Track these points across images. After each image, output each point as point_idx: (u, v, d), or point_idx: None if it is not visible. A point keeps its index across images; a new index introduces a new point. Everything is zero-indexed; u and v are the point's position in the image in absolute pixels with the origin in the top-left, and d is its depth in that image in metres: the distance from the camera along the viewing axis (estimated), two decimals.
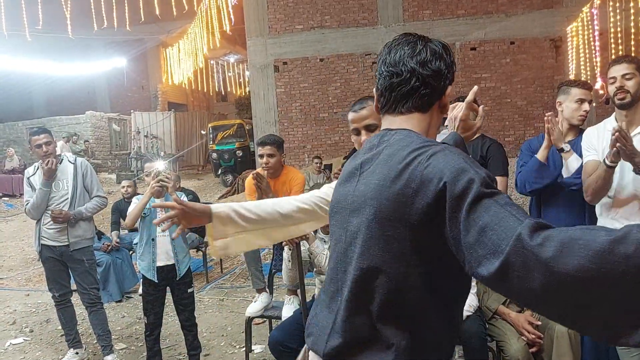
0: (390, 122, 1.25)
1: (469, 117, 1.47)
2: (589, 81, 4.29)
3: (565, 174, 2.66)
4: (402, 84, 1.20)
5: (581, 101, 2.77)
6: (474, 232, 0.95)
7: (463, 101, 3.52)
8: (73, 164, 3.78)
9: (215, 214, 1.66)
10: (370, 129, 1.82)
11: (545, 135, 2.70)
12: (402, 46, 1.22)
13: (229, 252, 1.76)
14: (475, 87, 1.49)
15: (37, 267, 6.67)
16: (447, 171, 1.02)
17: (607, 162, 2.28)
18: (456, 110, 1.45)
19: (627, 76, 2.42)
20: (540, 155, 2.72)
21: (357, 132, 1.86)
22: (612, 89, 2.48)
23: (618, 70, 2.46)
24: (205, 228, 1.72)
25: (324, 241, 3.08)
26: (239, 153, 14.39)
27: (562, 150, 2.68)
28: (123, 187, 5.96)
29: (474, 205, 0.96)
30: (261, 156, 3.55)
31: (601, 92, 3.25)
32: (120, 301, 5.38)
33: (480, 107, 1.51)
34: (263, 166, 3.56)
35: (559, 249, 0.83)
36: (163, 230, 3.30)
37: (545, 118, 2.67)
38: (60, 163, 3.74)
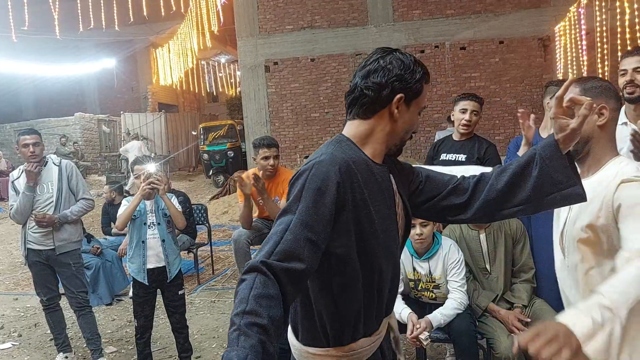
0: None
1: (567, 115, 1.35)
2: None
3: None
4: (348, 94, 1.39)
5: None
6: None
7: (467, 99, 3.39)
8: (58, 166, 3.73)
9: None
10: None
11: (523, 132, 2.69)
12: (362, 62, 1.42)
13: None
14: (569, 81, 1.39)
15: (25, 271, 6.59)
16: (294, 175, 1.32)
17: None
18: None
19: (638, 69, 2.42)
20: (522, 152, 2.71)
21: None
22: (621, 81, 2.47)
23: (630, 63, 2.45)
24: (195, 230, 1.79)
25: None
26: (231, 154, 14.34)
27: None
28: (106, 192, 6.07)
29: (281, 212, 1.26)
30: (266, 158, 3.58)
31: None
32: (110, 304, 5.33)
33: (586, 105, 1.31)
34: (269, 167, 3.57)
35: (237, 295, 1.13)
36: None
37: (519, 114, 2.64)
38: (44, 165, 3.69)
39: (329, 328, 1.38)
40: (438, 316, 2.73)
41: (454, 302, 2.79)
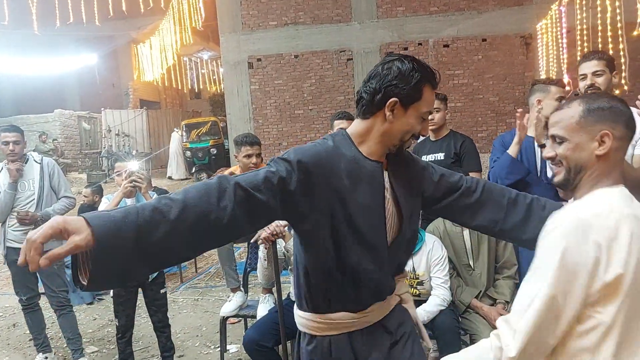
0: None
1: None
2: (556, 77, 4.37)
3: (549, 170, 2.64)
4: (356, 97, 1.55)
5: (560, 99, 2.78)
6: None
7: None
8: (39, 163, 3.67)
9: None
10: None
11: (517, 131, 2.72)
12: None
13: None
14: None
15: (4, 270, 6.47)
16: None
17: None
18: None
19: (597, 73, 2.44)
20: (512, 150, 2.72)
21: None
22: (582, 85, 2.49)
23: (588, 67, 2.47)
24: None
25: None
26: (213, 151, 14.24)
27: (543, 145, 2.67)
28: (86, 196, 5.86)
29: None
30: (249, 156, 3.53)
31: (568, 88, 3.28)
32: (91, 303, 5.26)
33: None
34: (251, 165, 3.54)
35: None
36: None
37: (517, 114, 2.68)
38: (25, 163, 3.63)
39: (307, 294, 1.53)
40: (421, 313, 2.74)
41: (437, 299, 2.80)
